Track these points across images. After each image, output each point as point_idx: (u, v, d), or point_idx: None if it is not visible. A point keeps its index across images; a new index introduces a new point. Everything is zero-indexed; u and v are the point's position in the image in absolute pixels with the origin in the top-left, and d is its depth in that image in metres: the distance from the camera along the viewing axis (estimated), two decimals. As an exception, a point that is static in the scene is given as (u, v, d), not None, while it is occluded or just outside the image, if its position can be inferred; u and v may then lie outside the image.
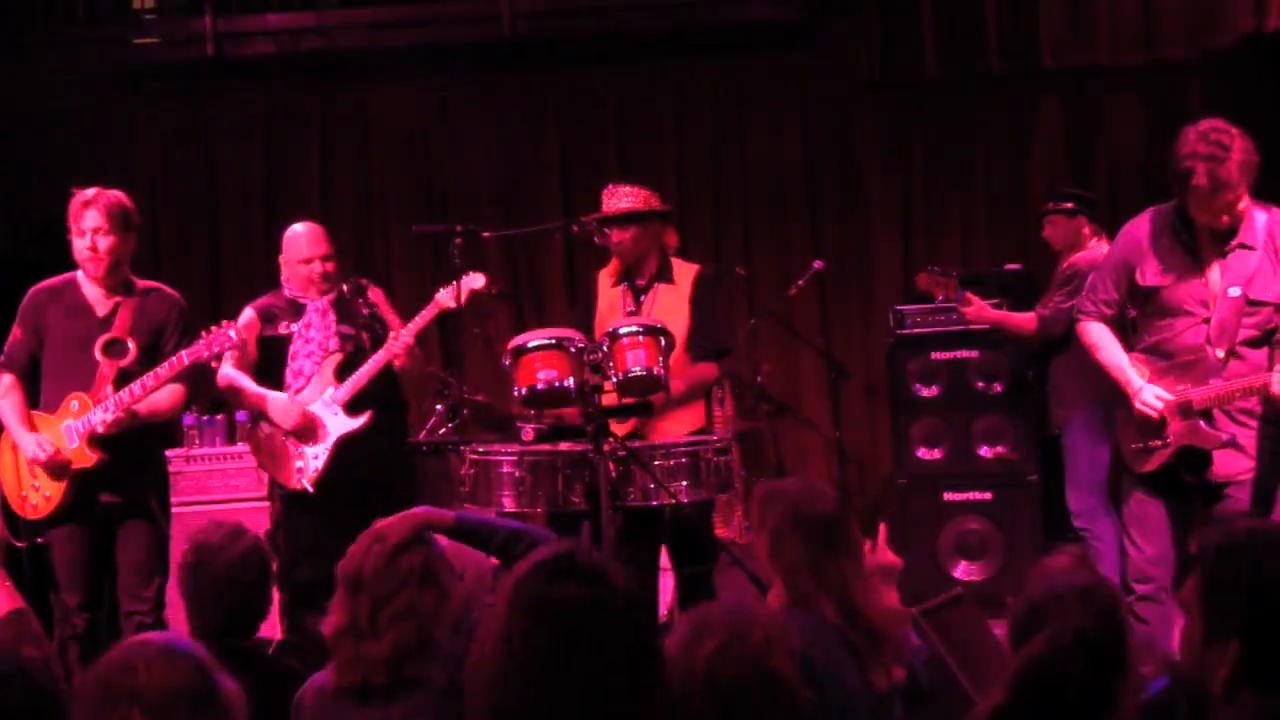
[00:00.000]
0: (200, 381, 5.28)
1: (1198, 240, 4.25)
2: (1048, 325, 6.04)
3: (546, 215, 7.63)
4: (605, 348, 4.76)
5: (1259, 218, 4.21)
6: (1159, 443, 4.31)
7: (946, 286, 6.26)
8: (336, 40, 7.98)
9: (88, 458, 4.83)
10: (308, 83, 8.28)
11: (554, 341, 4.83)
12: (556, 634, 1.87)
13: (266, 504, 6.24)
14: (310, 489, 5.28)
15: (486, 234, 6.03)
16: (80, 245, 4.91)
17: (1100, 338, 4.47)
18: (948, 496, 6.71)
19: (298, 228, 5.53)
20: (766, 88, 8.15)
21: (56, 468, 4.85)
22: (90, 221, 4.88)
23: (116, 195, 4.96)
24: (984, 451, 6.68)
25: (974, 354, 6.62)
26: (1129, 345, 4.46)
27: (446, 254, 5.60)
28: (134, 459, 4.94)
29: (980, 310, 6.25)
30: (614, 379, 4.78)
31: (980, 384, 6.67)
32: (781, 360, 7.90)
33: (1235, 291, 4.20)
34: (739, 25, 7.85)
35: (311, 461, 5.29)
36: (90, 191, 4.92)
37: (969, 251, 7.95)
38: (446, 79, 8.13)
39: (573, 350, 4.77)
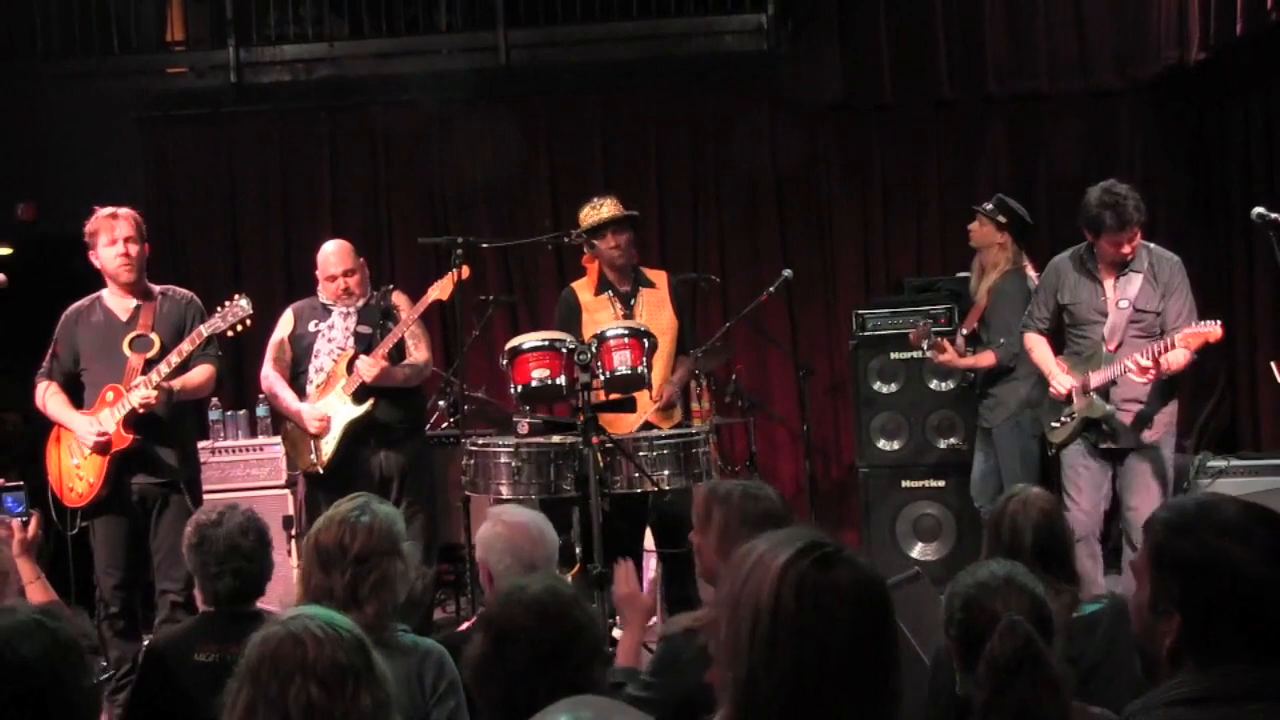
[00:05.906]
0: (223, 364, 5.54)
1: (1098, 267, 5.43)
2: (1005, 358, 6.12)
3: (537, 226, 7.78)
4: (594, 349, 5.03)
5: (1143, 250, 5.39)
6: (1067, 419, 5.45)
7: (925, 335, 6.36)
8: (346, 69, 8.21)
9: (123, 439, 5.12)
10: (320, 107, 8.50)
11: (547, 343, 5.13)
12: (843, 620, 1.72)
13: (286, 491, 6.52)
14: (320, 470, 5.59)
15: (485, 244, 6.28)
16: (112, 253, 5.25)
17: (1034, 343, 5.69)
18: (905, 483, 7.01)
19: (327, 246, 5.82)
20: (739, 111, 8.33)
21: (104, 446, 5.12)
22: (122, 231, 5.26)
23: (134, 211, 5.37)
24: (938, 443, 6.98)
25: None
26: (1058, 351, 5.60)
27: (448, 262, 5.74)
28: (170, 444, 5.23)
29: (951, 359, 6.25)
30: (601, 377, 5.07)
31: (934, 382, 6.96)
32: (753, 360, 8.14)
33: (1124, 304, 5.39)
34: (713, 55, 8.06)
35: (325, 446, 5.59)
36: (112, 208, 5.30)
37: (923, 260, 8.17)
38: (447, 103, 8.24)
39: (564, 350, 5.06)
